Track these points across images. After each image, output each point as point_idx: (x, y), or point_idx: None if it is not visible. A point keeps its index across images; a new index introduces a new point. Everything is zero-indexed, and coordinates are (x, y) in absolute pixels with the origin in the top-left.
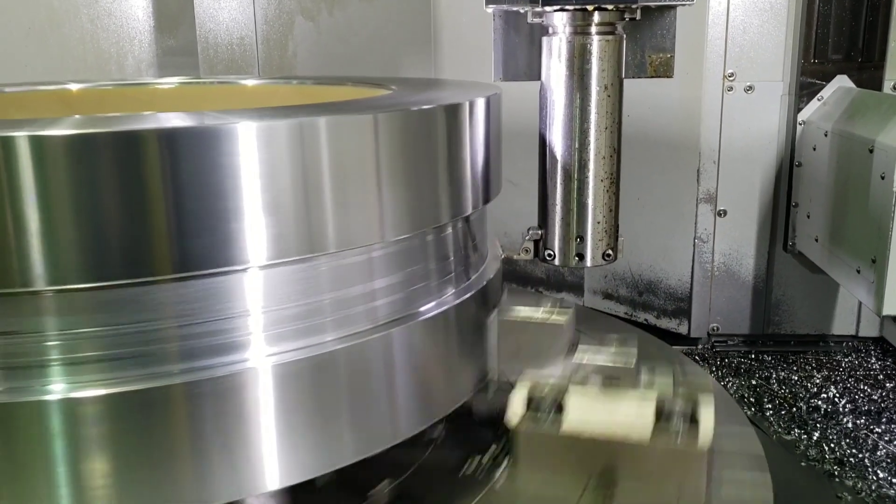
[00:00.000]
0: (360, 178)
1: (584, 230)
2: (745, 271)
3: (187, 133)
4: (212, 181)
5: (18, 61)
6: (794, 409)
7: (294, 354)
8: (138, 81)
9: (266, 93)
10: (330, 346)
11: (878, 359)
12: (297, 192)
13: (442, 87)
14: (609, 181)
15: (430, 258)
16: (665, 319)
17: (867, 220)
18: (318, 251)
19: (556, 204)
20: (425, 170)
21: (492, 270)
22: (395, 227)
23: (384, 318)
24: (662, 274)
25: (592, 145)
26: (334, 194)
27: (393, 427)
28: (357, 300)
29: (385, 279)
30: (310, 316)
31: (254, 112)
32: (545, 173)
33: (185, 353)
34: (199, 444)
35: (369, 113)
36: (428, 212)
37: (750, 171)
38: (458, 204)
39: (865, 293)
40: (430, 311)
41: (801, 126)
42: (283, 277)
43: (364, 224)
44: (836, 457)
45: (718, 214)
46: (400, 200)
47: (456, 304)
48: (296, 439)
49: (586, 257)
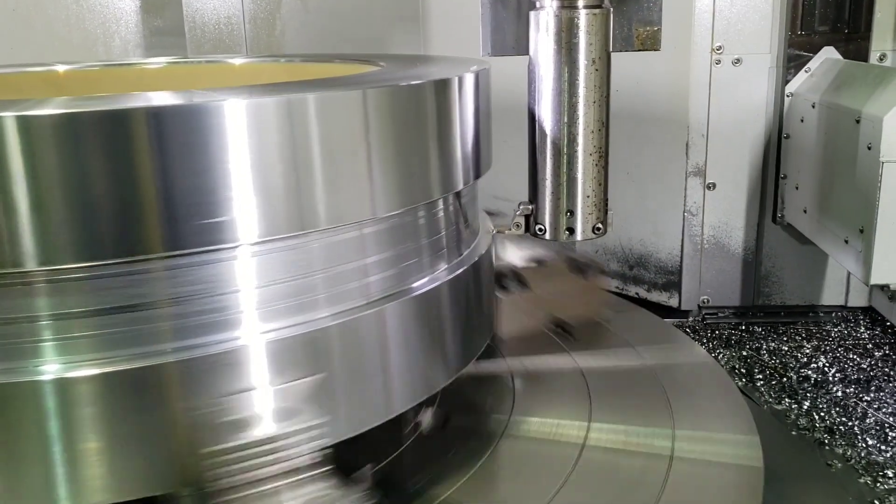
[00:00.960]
0: (349, 154)
1: (574, 204)
2: (734, 244)
3: (175, 111)
4: (201, 159)
5: (3, 43)
6: (785, 379)
7: (287, 331)
8: (126, 62)
9: (253, 71)
10: (323, 323)
11: (867, 328)
12: (287, 169)
13: (431, 63)
14: (598, 155)
15: (421, 234)
16: (656, 293)
17: (854, 190)
18: (310, 228)
19: (546, 179)
20: (415, 145)
21: (483, 246)
22: (387, 203)
23: (377, 294)
24: (653, 248)
25: (581, 119)
26: (324, 171)
27: (387, 402)
28: (349, 276)
29: (377, 255)
30: (302, 293)
31: (242, 90)
32: (535, 148)
33: (178, 332)
34: (193, 423)
35: (358, 88)
36: (419, 187)
37: (738, 143)
38: (449, 179)
39: (853, 262)
40: (422, 287)
41: (789, 98)
42: (275, 255)
43: (355, 200)
44: (826, 425)
45: (707, 188)
46: (390, 176)
47: (448, 279)
48: (290, 415)
49: (576, 231)
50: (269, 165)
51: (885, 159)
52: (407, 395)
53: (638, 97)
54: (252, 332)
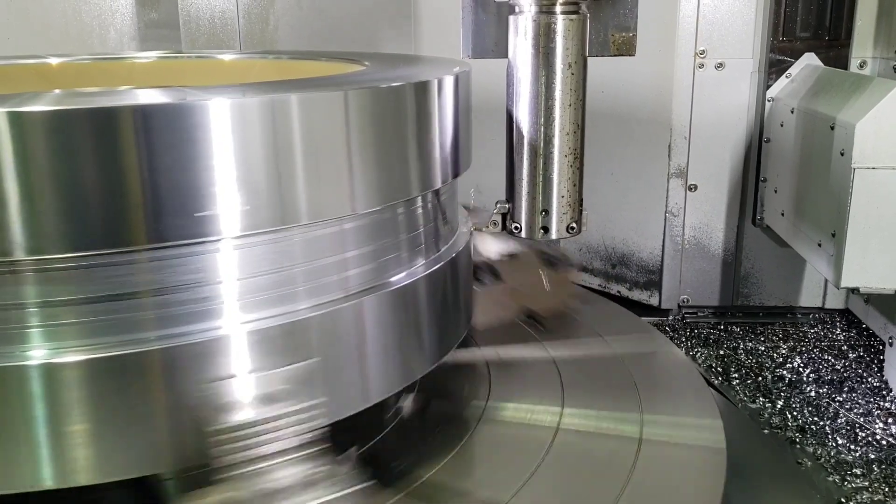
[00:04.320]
0: (330, 152)
1: (550, 204)
2: (714, 244)
3: (162, 109)
4: (186, 156)
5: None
6: (760, 378)
7: (267, 322)
8: (116, 56)
9: (242, 67)
10: (303, 314)
11: (842, 330)
12: (270, 167)
13: (414, 64)
14: (573, 157)
15: (400, 230)
16: (637, 291)
17: (828, 195)
18: (291, 223)
19: (523, 178)
20: (395, 145)
21: (461, 242)
22: (366, 200)
23: (356, 287)
24: (635, 247)
25: (557, 121)
26: (306, 168)
27: (364, 391)
28: (329, 270)
29: (356, 250)
30: (283, 285)
31: (227, 89)
32: (512, 148)
33: (162, 321)
34: (177, 408)
35: (340, 90)
36: (398, 185)
37: (720, 146)
38: (428, 178)
39: (826, 266)
40: (400, 281)
41: (770, 103)
42: (257, 248)
43: (335, 197)
44: (798, 424)
45: (689, 189)
46: (370, 174)
47: (426, 274)
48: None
49: (551, 230)
50: (253, 163)
51: (856, 165)
52: (384, 385)
53: (622, 99)
54: (234, 322)
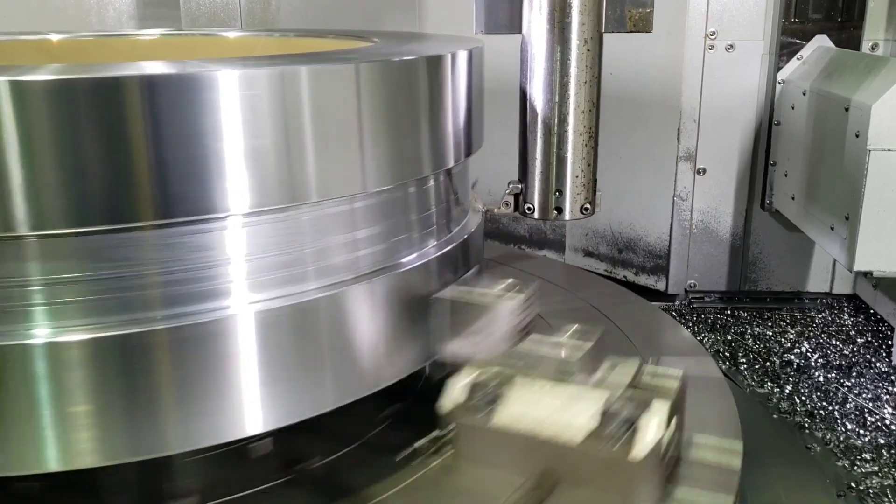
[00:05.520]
0: (341, 128)
1: (563, 184)
2: (722, 229)
3: (169, 80)
4: (193, 129)
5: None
6: (768, 363)
7: (276, 302)
8: (119, 33)
9: (247, 44)
10: (312, 295)
11: (850, 315)
12: (279, 142)
13: (424, 40)
14: (588, 135)
15: (411, 210)
16: (644, 276)
17: (842, 177)
18: (300, 201)
19: (536, 158)
20: (407, 121)
21: (473, 224)
22: (377, 178)
23: (366, 268)
24: (642, 231)
25: (572, 99)
26: (315, 144)
27: (374, 375)
28: (339, 250)
29: (367, 230)
30: (292, 265)
31: (235, 61)
32: (525, 127)
33: (169, 300)
34: (183, 389)
35: (351, 63)
36: (410, 164)
37: (729, 129)
38: (440, 156)
39: (838, 249)
40: (411, 263)
41: (781, 85)
42: (265, 226)
43: (345, 174)
44: (806, 409)
45: (698, 172)
46: (381, 151)
47: (437, 255)
48: (278, 385)
49: (565, 211)
50: (261, 137)
51: (872, 147)
52: (394, 368)
53: (632, 80)
54: (241, 302)
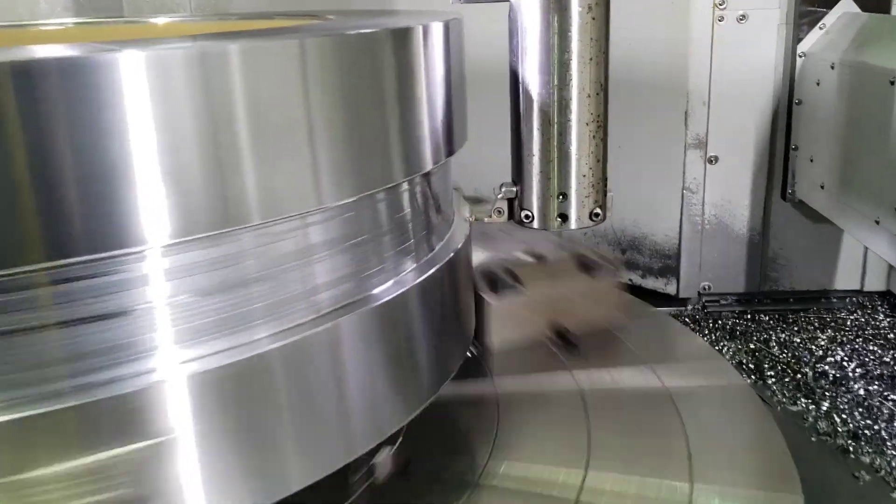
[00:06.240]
0: (285, 124)
1: (568, 186)
2: (738, 223)
3: (53, 67)
4: (89, 132)
5: None
6: (799, 375)
7: (215, 360)
8: (22, 22)
9: (177, 31)
10: (262, 346)
11: (886, 315)
12: (204, 145)
13: (391, 16)
14: (596, 125)
15: (382, 227)
16: (651, 279)
17: (888, 162)
18: (238, 223)
19: (534, 154)
20: (371, 113)
21: (460, 237)
22: (336, 189)
23: (328, 306)
24: (647, 229)
25: (575, 81)
26: (253, 146)
27: (346, 442)
28: (293, 285)
29: (327, 256)
30: (233, 308)
31: (144, 41)
32: (518, 117)
33: (75, 367)
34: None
35: (294, 38)
36: (377, 168)
37: (744, 111)
38: (416, 158)
39: (887, 246)
40: (386, 294)
41: (802, 59)
42: (195, 259)
43: (295, 185)
44: (849, 429)
45: (709, 161)
46: (340, 153)
47: (418, 282)
48: (222, 466)
49: (570, 218)
50: (181, 139)
51: None
52: (370, 431)
53: (632, 61)
54: (169, 362)
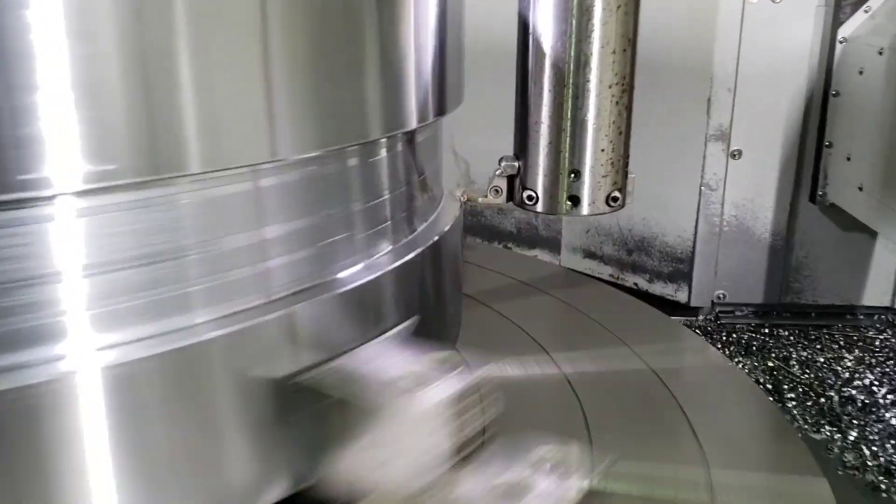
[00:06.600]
0: (234, 51)
1: (582, 161)
2: (760, 227)
3: None
4: None
5: None
6: (823, 399)
7: (139, 348)
8: None
9: None
10: (199, 334)
11: None
12: (130, 70)
13: None
14: (620, 88)
15: (352, 195)
16: (660, 284)
17: None
18: (171, 170)
19: (542, 122)
20: (343, 45)
21: (448, 218)
22: (296, 138)
23: (283, 288)
24: (658, 228)
25: (597, 33)
26: (193, 74)
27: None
28: (239, 258)
29: (282, 226)
30: (163, 284)
31: None
32: (526, 76)
33: None
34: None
35: None
36: (348, 117)
37: (773, 101)
38: (397, 110)
39: None
40: (354, 279)
41: (843, 44)
42: (116, 217)
43: (244, 127)
44: (880, 464)
45: (732, 156)
46: (302, 92)
47: (393, 267)
48: (143, 481)
49: (583, 202)
50: (101, 60)
51: None
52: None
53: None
54: (81, 349)
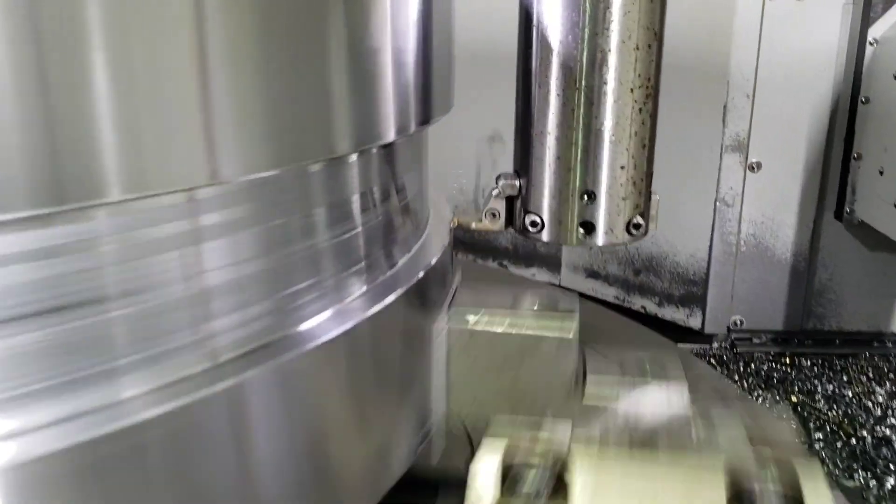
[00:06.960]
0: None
1: (597, 181)
2: (781, 246)
3: None
4: None
5: None
6: (854, 440)
7: (45, 437)
8: None
9: None
10: (122, 416)
11: None
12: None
13: None
14: (644, 93)
15: (316, 226)
16: (670, 308)
17: None
18: (87, 198)
19: (548, 133)
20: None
21: (435, 248)
22: (242, 156)
23: (230, 349)
24: (668, 247)
25: (616, 25)
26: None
27: None
28: (174, 314)
29: (228, 268)
30: (83, 348)
31: None
32: (529, 76)
33: None
34: None
35: None
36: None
37: (795, 108)
38: (371, 120)
39: None
40: (319, 333)
41: (874, 46)
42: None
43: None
44: None
45: (750, 168)
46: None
47: (370, 314)
48: None
49: (598, 229)
50: None
51: None
52: None
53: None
54: None
